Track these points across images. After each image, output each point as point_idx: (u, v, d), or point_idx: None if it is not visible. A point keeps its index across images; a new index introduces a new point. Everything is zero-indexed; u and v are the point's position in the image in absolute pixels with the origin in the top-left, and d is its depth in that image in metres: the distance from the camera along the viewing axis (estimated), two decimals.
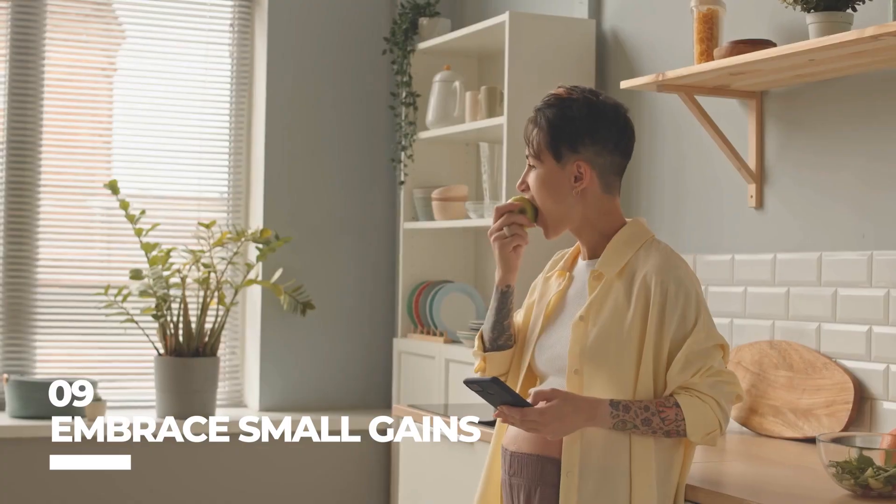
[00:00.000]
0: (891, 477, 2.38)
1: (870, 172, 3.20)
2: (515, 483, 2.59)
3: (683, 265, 2.51)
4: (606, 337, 2.47)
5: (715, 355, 2.45)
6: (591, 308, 2.51)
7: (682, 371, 2.42)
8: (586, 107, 2.54)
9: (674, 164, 3.93)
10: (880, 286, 3.11)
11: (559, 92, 2.58)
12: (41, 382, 4.67)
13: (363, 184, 5.19)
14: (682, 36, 3.79)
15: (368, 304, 5.20)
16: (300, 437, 4.88)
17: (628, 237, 2.56)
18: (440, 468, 3.71)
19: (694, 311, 2.45)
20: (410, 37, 4.93)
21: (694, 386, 2.42)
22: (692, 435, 2.42)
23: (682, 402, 2.41)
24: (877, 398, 3.10)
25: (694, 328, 2.44)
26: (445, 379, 4.51)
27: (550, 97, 2.58)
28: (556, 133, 2.53)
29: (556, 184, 2.54)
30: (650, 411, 2.41)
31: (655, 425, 2.41)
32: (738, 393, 2.47)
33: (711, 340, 2.45)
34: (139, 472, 4.67)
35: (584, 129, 2.53)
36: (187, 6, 5.11)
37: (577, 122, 2.53)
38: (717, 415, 2.43)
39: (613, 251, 2.55)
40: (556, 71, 4.24)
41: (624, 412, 2.40)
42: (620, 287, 2.50)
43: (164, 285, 4.74)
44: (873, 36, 2.74)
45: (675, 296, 2.44)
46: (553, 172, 2.54)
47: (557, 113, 2.54)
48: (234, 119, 5.17)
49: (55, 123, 4.93)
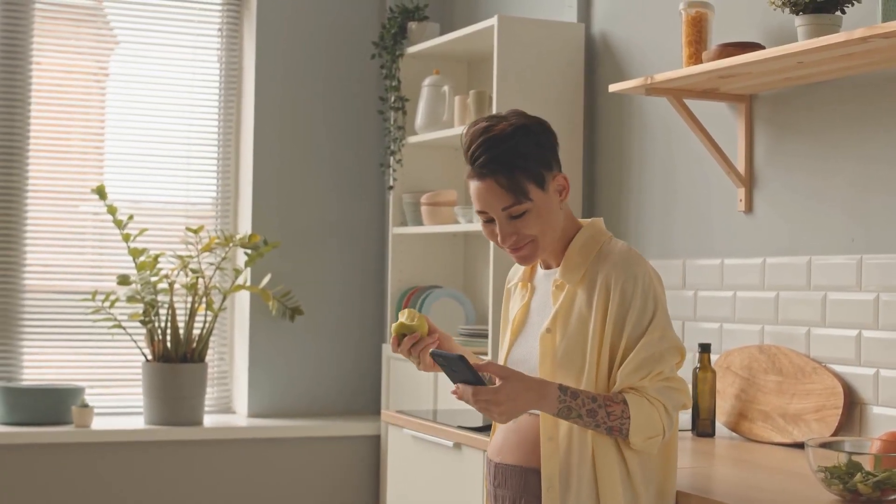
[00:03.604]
0: (880, 482, 2.37)
1: (859, 176, 3.18)
2: (500, 494, 2.58)
3: (642, 263, 2.47)
4: (574, 346, 2.46)
5: (668, 360, 2.42)
6: (556, 319, 2.49)
7: (632, 372, 2.40)
8: (530, 129, 2.47)
9: (663, 168, 3.91)
10: (870, 290, 3.09)
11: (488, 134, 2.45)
12: (29, 388, 4.65)
13: (352, 188, 5.17)
14: (671, 39, 3.78)
15: (357, 310, 5.18)
16: (289, 443, 4.87)
17: (585, 240, 2.53)
18: (428, 474, 3.69)
19: (651, 309, 2.42)
20: (399, 41, 4.92)
21: (643, 389, 2.40)
22: (633, 436, 2.38)
23: (630, 400, 2.38)
24: (867, 403, 3.09)
25: (649, 326, 2.41)
26: (434, 384, 4.49)
27: (484, 141, 2.44)
28: (532, 164, 2.45)
29: (550, 210, 2.48)
30: (597, 403, 2.37)
31: (600, 418, 2.37)
32: (685, 402, 2.45)
33: (666, 342, 2.42)
34: (126, 478, 4.65)
35: (546, 146, 2.48)
36: (175, 11, 5.09)
37: (541, 143, 2.47)
38: (662, 420, 2.40)
39: (573, 258, 2.51)
40: (545, 75, 4.23)
41: (571, 399, 2.37)
42: (582, 294, 2.47)
43: (152, 291, 4.72)
44: (862, 38, 2.72)
45: (632, 294, 2.42)
46: (544, 201, 2.47)
47: (520, 144, 2.44)
48: (222, 124, 5.15)
49: (43, 128, 4.90)
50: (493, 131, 2.45)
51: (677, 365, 2.45)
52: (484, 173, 2.44)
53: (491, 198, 2.45)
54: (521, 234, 2.47)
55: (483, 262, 4.79)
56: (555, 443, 2.45)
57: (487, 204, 2.46)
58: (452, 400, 4.30)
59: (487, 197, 2.45)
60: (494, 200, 2.45)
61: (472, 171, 2.47)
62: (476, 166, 2.45)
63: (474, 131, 2.47)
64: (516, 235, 2.47)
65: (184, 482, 4.74)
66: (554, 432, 2.46)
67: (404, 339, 2.58)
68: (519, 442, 2.54)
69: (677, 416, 2.46)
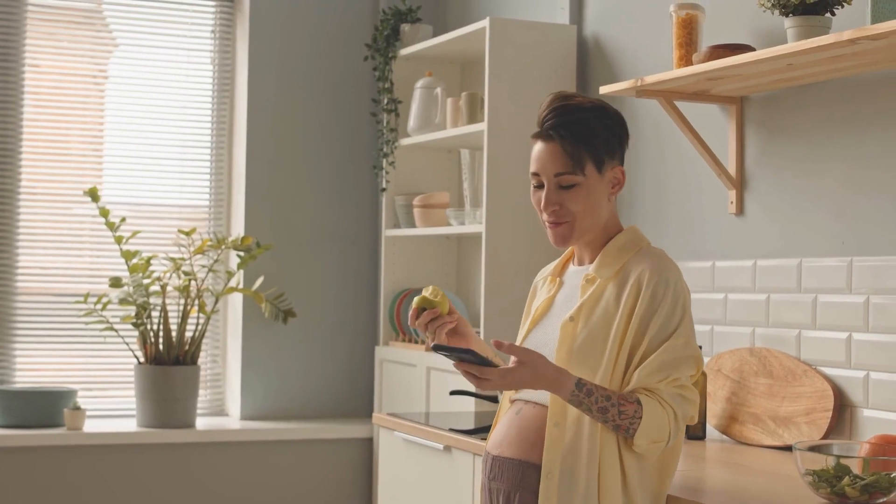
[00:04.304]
0: (868, 485, 2.36)
1: (850, 178, 3.18)
2: (495, 487, 2.56)
3: (676, 271, 2.48)
4: (594, 338, 2.45)
5: (686, 368, 2.42)
6: (581, 309, 2.49)
7: (651, 374, 2.39)
8: (607, 112, 2.51)
9: (655, 171, 3.90)
10: (860, 293, 3.09)
11: (566, 101, 2.50)
12: (21, 391, 4.64)
13: (345, 191, 5.16)
14: (663, 41, 3.77)
15: (350, 312, 5.17)
16: (282, 445, 4.86)
17: (624, 243, 2.54)
18: (419, 477, 3.68)
19: (679, 315, 2.43)
20: (392, 43, 4.91)
21: (657, 391, 2.39)
22: (639, 437, 2.37)
23: (645, 402, 2.37)
24: (857, 406, 3.08)
25: (674, 332, 2.41)
26: (427, 387, 4.48)
27: (561, 106, 2.49)
28: (598, 142, 2.48)
29: (599, 195, 2.50)
30: (611, 402, 2.36)
31: (610, 416, 2.36)
32: (693, 414, 2.45)
33: (688, 350, 2.42)
34: (118, 481, 4.64)
35: (616, 134, 2.51)
36: (168, 12, 5.08)
37: (613, 128, 2.50)
38: (670, 426, 2.39)
39: (609, 256, 2.52)
40: (537, 77, 4.22)
41: (586, 396, 2.36)
42: (612, 290, 2.47)
43: (144, 293, 4.71)
44: (850, 40, 2.72)
45: (664, 297, 2.42)
46: (597, 184, 2.49)
47: (593, 120, 2.48)
48: (215, 126, 5.14)
49: (35, 131, 4.90)
50: (572, 100, 2.50)
51: (692, 377, 2.45)
52: (551, 135, 2.48)
53: (549, 160, 2.48)
54: (564, 207, 2.49)
55: (475, 264, 4.78)
56: (561, 430, 2.43)
57: (543, 166, 2.49)
58: (445, 401, 4.31)
59: (546, 159, 2.49)
60: (551, 163, 2.48)
61: (539, 132, 2.51)
62: (545, 127, 2.49)
63: (554, 97, 2.52)
64: (560, 206, 2.49)
65: (176, 485, 4.73)
66: (561, 419, 2.44)
67: (423, 312, 2.58)
68: (520, 435, 2.52)
69: (683, 427, 2.45)
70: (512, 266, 4.19)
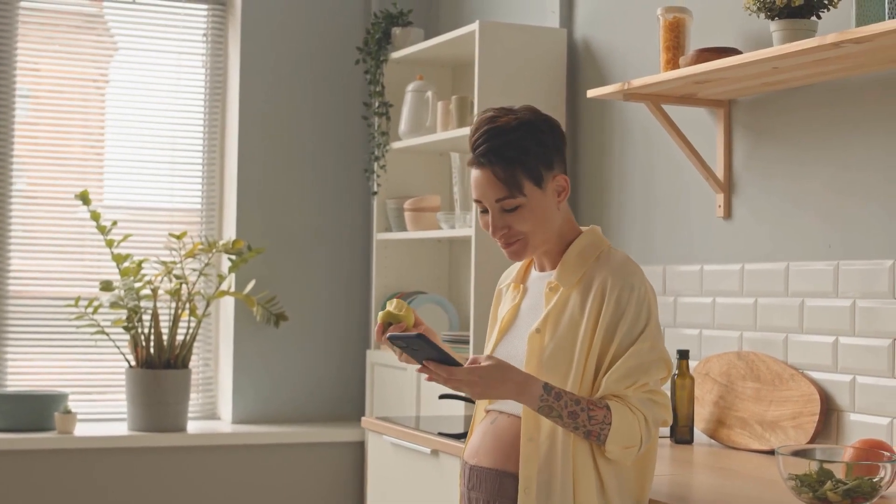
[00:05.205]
0: (850, 490, 2.36)
1: (837, 182, 3.17)
2: (474, 497, 2.56)
3: (639, 273, 2.47)
4: (562, 348, 2.44)
5: (655, 372, 2.41)
6: (547, 320, 2.48)
7: (618, 380, 2.38)
8: (536, 125, 2.48)
9: (643, 174, 3.90)
10: (847, 296, 3.08)
11: (492, 125, 2.46)
12: (12, 395, 4.64)
13: (336, 194, 5.15)
14: (651, 45, 3.77)
15: (342, 316, 5.16)
16: (273, 449, 4.86)
17: (584, 247, 2.52)
18: (407, 481, 3.68)
19: (644, 319, 2.42)
20: (384, 46, 4.91)
21: (626, 398, 2.38)
22: (610, 443, 2.36)
23: (614, 407, 2.37)
24: (843, 410, 3.07)
25: (640, 336, 2.40)
26: (418, 391, 4.48)
27: (487, 130, 2.46)
28: (531, 160, 2.45)
29: (545, 209, 2.48)
30: (580, 406, 2.36)
31: (580, 421, 2.35)
32: (666, 418, 2.44)
33: (655, 354, 2.41)
34: (109, 485, 4.64)
35: (551, 145, 2.48)
36: (160, 17, 5.08)
37: (545, 141, 2.47)
38: (641, 431, 2.38)
39: (570, 262, 2.51)
40: (527, 80, 4.22)
41: (555, 399, 2.35)
42: (577, 298, 2.46)
43: (136, 297, 4.70)
44: (834, 43, 2.72)
45: (628, 302, 2.41)
46: (540, 199, 2.47)
47: (523, 138, 2.45)
48: (207, 129, 5.14)
49: (27, 133, 4.89)
50: (497, 122, 2.47)
51: (662, 380, 2.44)
52: (482, 162, 2.46)
53: (486, 188, 2.47)
54: (512, 229, 2.48)
55: (466, 267, 4.78)
56: (535, 444, 2.43)
57: (483, 193, 2.48)
58: (436, 405, 4.30)
59: (483, 186, 2.47)
60: (489, 191, 2.47)
61: (472, 158, 2.49)
62: (476, 154, 2.48)
63: (480, 120, 2.50)
64: (507, 229, 2.48)
65: (168, 489, 4.73)
66: (535, 433, 2.43)
67: (389, 327, 2.58)
68: (495, 445, 2.52)
69: (656, 431, 2.44)
70: (502, 269, 4.12)
